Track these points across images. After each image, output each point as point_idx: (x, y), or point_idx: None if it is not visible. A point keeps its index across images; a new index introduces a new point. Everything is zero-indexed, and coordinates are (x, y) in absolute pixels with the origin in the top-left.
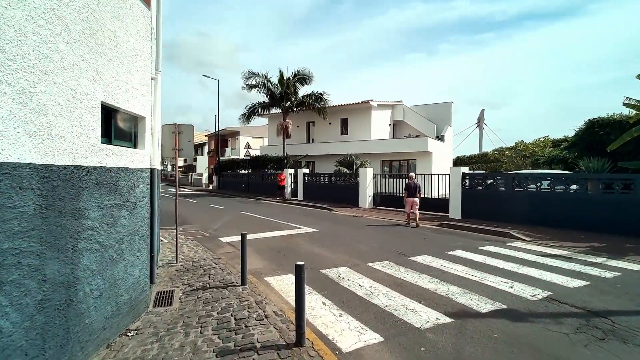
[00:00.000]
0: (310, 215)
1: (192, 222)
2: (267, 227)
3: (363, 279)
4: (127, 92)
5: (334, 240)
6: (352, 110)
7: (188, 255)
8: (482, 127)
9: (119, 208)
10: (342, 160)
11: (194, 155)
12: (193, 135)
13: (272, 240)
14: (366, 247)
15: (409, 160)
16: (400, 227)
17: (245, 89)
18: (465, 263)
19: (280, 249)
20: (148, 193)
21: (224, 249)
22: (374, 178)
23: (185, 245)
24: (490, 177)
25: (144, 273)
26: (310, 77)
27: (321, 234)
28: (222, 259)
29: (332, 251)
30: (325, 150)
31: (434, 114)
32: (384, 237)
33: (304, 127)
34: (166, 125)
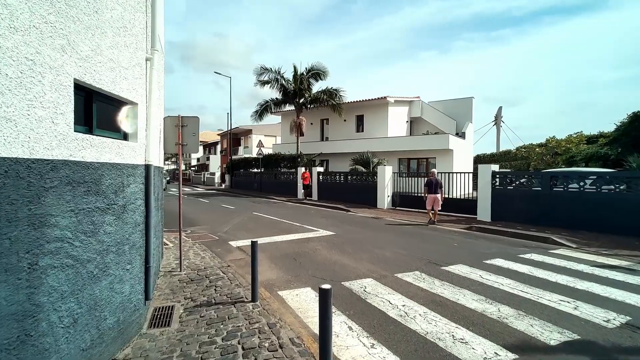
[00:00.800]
0: (326, 217)
1: (202, 223)
2: (281, 229)
3: (393, 294)
4: (113, 72)
5: (355, 245)
6: (367, 107)
7: (194, 262)
8: (500, 125)
9: (101, 212)
10: (358, 158)
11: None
12: (198, 128)
13: (287, 245)
14: (391, 254)
15: (427, 159)
16: (426, 231)
17: (258, 85)
18: (509, 275)
19: (296, 256)
20: (142, 194)
21: (233, 255)
22: (393, 177)
23: (191, 250)
24: (524, 175)
25: (137, 289)
26: (325, 72)
27: (339, 237)
28: (231, 267)
29: (354, 259)
30: (339, 148)
31: (453, 110)
32: (409, 241)
33: (317, 124)
34: (169, 118)
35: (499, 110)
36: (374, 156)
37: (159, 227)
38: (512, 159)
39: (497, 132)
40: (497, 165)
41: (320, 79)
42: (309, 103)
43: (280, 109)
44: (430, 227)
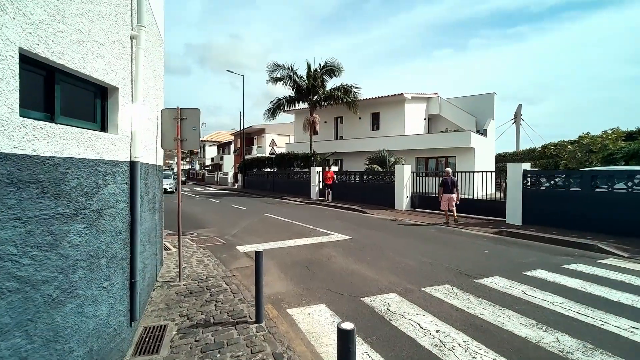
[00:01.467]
0: (341, 219)
1: (210, 225)
2: (293, 233)
3: (423, 314)
4: (82, 46)
5: (373, 251)
6: (384, 104)
7: (195, 270)
8: (520, 123)
9: (65, 220)
10: (374, 157)
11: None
12: (199, 121)
13: (298, 250)
14: (415, 263)
15: (447, 157)
16: (450, 235)
17: (270, 82)
18: (557, 291)
19: (309, 263)
20: (126, 196)
21: (239, 262)
22: (412, 177)
23: (194, 256)
24: (560, 175)
25: (118, 309)
26: (339, 68)
27: (356, 242)
28: (235, 277)
29: (373, 267)
30: (354, 147)
31: (474, 107)
32: (434, 248)
33: (331, 122)
34: (166, 110)
35: (518, 108)
36: (390, 155)
37: (155, 232)
38: (537, 157)
39: (516, 130)
40: (529, 163)
41: (334, 76)
42: (323, 100)
43: (293, 107)
44: (455, 231)
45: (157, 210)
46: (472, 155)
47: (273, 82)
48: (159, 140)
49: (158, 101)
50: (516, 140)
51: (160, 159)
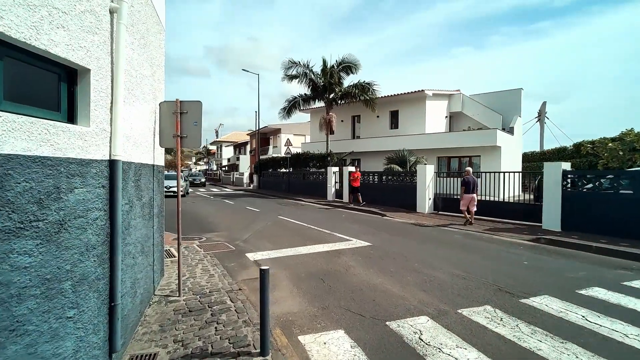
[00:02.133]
0: (359, 222)
1: (221, 229)
2: (308, 238)
3: (465, 348)
4: (32, 12)
5: (397, 260)
6: (403, 101)
7: (199, 282)
8: (544, 121)
9: (4, 236)
10: (393, 157)
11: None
12: (201, 116)
13: (313, 259)
14: (445, 276)
15: (470, 157)
16: (482, 243)
17: (285, 80)
18: (626, 317)
19: (324, 275)
20: (102, 202)
21: (248, 273)
22: (434, 177)
23: (200, 264)
24: (608, 175)
25: (91, 341)
26: (357, 65)
27: (377, 250)
28: (242, 292)
29: (398, 281)
30: (372, 146)
31: (499, 104)
32: (465, 257)
33: (348, 121)
34: (165, 103)
35: (542, 106)
36: (410, 154)
37: (152, 241)
38: (568, 156)
39: (540, 129)
40: (568, 163)
41: (351, 73)
42: (340, 98)
43: (309, 105)
44: (486, 237)
45: (156, 215)
46: (498, 154)
47: (288, 80)
48: (157, 138)
49: (157, 94)
50: (540, 140)
51: (160, 158)
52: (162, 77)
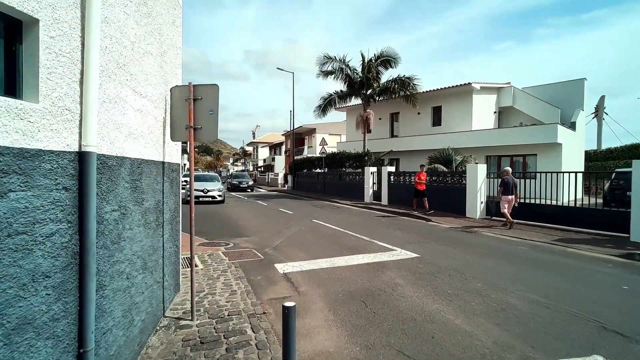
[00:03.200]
0: (401, 228)
1: (250, 233)
2: (345, 246)
3: None
4: None
5: (454, 279)
6: (447, 96)
7: (217, 301)
8: (602, 117)
9: None
10: (437, 156)
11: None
12: (217, 102)
13: (352, 273)
14: (522, 303)
15: (525, 156)
16: (555, 258)
17: (320, 76)
18: None
19: (367, 297)
20: (65, 212)
21: (275, 290)
22: (486, 179)
23: (222, 277)
24: None
25: None
26: (396, 58)
27: (427, 263)
28: (266, 316)
29: (461, 309)
30: (412, 145)
31: (556, 97)
32: (539, 277)
33: (386, 119)
34: (177, 88)
35: (600, 100)
36: (456, 153)
37: (160, 253)
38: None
39: (598, 125)
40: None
41: (390, 67)
42: (378, 95)
43: (345, 103)
44: (558, 250)
45: (168, 222)
46: (558, 152)
47: (324, 76)
48: (168, 130)
49: (168, 78)
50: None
51: (174, 154)
52: (176, 61)
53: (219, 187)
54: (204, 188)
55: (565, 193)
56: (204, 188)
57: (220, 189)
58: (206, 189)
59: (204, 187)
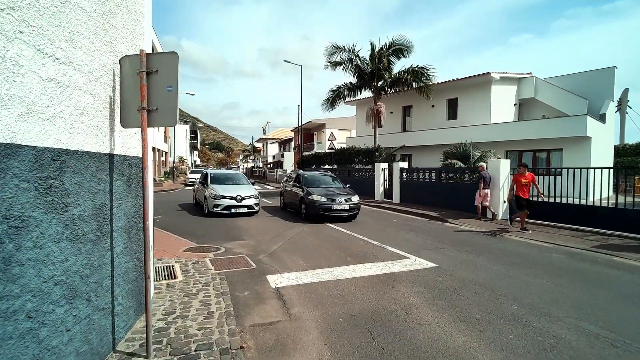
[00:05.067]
0: (415, 230)
1: (248, 236)
2: (350, 252)
3: None
4: None
5: (481, 297)
6: (463, 88)
7: (188, 327)
8: (625, 111)
9: None
10: (453, 151)
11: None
12: (177, 76)
13: (357, 288)
14: (576, 337)
15: (549, 150)
16: (600, 269)
17: (329, 67)
18: None
19: (374, 322)
20: None
21: (262, 312)
22: (509, 175)
23: (202, 293)
24: None
25: None
26: (409, 47)
27: (447, 275)
28: (244, 352)
29: (499, 348)
30: (426, 139)
31: (582, 87)
32: (592, 296)
33: (398, 112)
34: (127, 58)
35: (624, 93)
36: (474, 148)
37: (105, 273)
38: None
39: (621, 119)
40: None
41: (403, 56)
42: (389, 86)
43: (355, 95)
44: (602, 259)
45: (123, 230)
46: (587, 146)
47: (332, 67)
48: (118, 113)
49: (118, 47)
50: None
51: (136, 145)
52: (136, 29)
53: (254, 194)
54: (236, 195)
55: (595, 191)
56: (236, 195)
57: (257, 196)
58: (239, 196)
59: (237, 194)
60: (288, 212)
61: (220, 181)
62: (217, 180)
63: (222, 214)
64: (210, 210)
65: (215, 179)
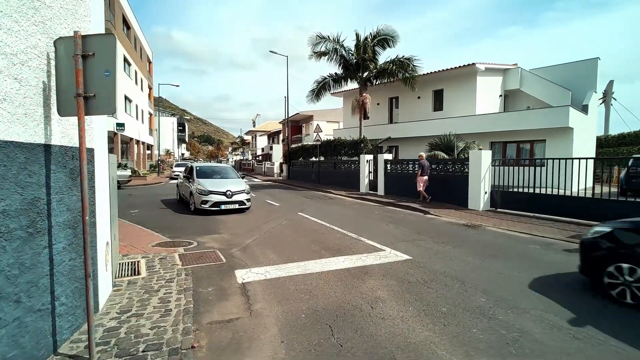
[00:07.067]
0: (395, 222)
1: (224, 229)
2: (326, 245)
3: None
4: None
5: (451, 289)
6: (449, 79)
7: (141, 327)
8: (610, 102)
9: None
10: (438, 142)
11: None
12: (115, 60)
13: (326, 282)
14: (541, 329)
15: (533, 142)
16: (573, 259)
17: (313, 57)
18: None
19: (336, 318)
20: None
21: (223, 309)
22: (491, 166)
23: (163, 290)
24: None
25: None
26: (394, 37)
27: (419, 267)
28: (195, 353)
29: (460, 343)
30: (412, 131)
31: (567, 79)
32: (561, 288)
33: (385, 104)
34: (62, 40)
35: (609, 85)
36: (458, 139)
37: (43, 272)
38: None
39: (606, 111)
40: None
41: (388, 46)
42: (375, 77)
43: (341, 86)
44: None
45: (65, 226)
46: (569, 137)
47: (316, 57)
48: (54, 99)
49: (54, 28)
50: (605, 123)
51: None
52: (79, 10)
53: (245, 188)
54: (226, 190)
55: (577, 181)
56: (226, 190)
57: (248, 191)
58: (229, 192)
59: (227, 189)
60: (267, 203)
61: (208, 175)
62: (203, 174)
63: (210, 211)
64: (197, 207)
65: (202, 172)
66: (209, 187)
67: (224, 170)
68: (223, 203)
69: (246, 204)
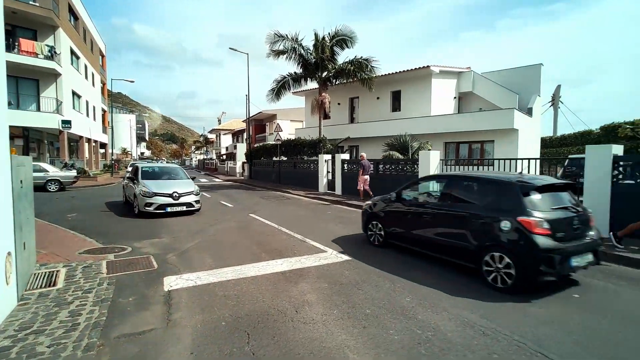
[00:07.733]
0: (344, 222)
1: (165, 233)
2: (268, 248)
3: None
4: None
5: (381, 291)
6: (406, 80)
7: (36, 345)
8: (558, 105)
9: None
10: (394, 142)
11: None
12: None
13: (258, 287)
14: (454, 327)
15: (482, 142)
16: None
17: (271, 56)
18: None
19: (256, 326)
20: None
21: (140, 319)
22: (440, 165)
23: (77, 302)
24: None
25: None
26: (352, 37)
27: (356, 268)
28: None
29: (374, 345)
30: (372, 131)
31: (515, 82)
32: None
33: (346, 104)
34: None
35: (556, 90)
36: (413, 139)
37: None
38: (594, 141)
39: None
40: (620, 146)
41: (347, 47)
42: (334, 77)
43: (301, 86)
44: None
45: None
46: (515, 138)
47: (275, 56)
48: None
49: None
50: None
51: None
52: None
53: (195, 190)
54: (172, 192)
55: None
56: (172, 192)
57: (197, 192)
58: (176, 193)
59: (173, 191)
60: (221, 204)
61: (154, 176)
62: (149, 174)
63: (155, 214)
64: (141, 209)
65: (148, 173)
66: (154, 188)
67: (173, 171)
68: (169, 205)
69: (195, 205)
